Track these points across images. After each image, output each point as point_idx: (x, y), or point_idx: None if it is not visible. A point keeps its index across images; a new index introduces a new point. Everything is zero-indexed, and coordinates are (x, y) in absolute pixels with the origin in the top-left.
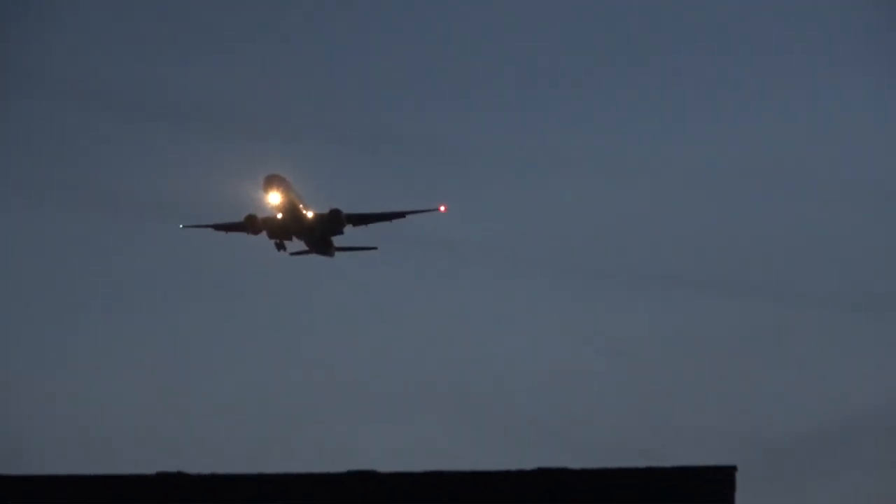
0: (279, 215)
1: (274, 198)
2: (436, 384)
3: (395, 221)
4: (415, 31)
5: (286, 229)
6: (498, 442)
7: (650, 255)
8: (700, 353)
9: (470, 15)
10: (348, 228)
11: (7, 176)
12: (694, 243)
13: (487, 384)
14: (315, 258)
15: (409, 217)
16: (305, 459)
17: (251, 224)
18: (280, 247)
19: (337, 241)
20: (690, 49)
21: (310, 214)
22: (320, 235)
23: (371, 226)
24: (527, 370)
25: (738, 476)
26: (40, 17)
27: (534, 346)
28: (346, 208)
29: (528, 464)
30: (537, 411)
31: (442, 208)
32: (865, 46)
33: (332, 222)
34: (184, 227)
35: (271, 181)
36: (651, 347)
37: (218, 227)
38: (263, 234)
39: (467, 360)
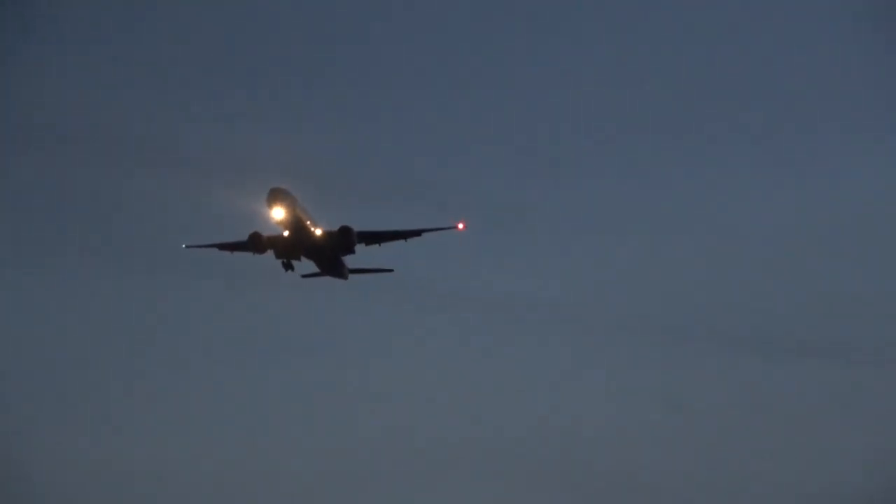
0: (285, 232)
1: (278, 213)
2: (496, 443)
3: (410, 240)
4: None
5: (293, 248)
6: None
7: (718, 315)
8: (773, 415)
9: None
10: (361, 248)
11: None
12: (759, 304)
13: (555, 444)
14: (327, 281)
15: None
16: None
17: (256, 242)
18: (287, 266)
19: (350, 262)
20: (752, 110)
21: (318, 232)
22: (331, 255)
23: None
24: (595, 429)
25: None
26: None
27: (600, 405)
28: (358, 226)
29: None
30: (605, 472)
31: (460, 226)
32: None
33: (343, 240)
34: (186, 246)
35: (275, 195)
36: (722, 409)
37: (222, 247)
38: (270, 253)
39: (531, 419)
